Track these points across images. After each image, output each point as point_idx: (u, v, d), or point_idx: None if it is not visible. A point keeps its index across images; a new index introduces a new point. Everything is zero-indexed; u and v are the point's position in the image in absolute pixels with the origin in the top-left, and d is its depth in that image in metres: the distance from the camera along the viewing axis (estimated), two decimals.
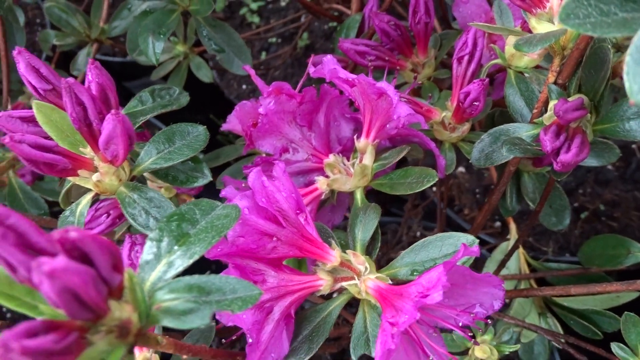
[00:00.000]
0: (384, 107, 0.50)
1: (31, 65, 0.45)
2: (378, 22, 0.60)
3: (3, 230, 0.24)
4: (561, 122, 0.41)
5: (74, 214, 0.44)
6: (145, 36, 0.61)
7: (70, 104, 0.38)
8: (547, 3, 0.43)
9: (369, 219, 0.47)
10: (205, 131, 0.49)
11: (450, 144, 0.55)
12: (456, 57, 0.54)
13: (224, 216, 0.35)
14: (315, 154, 0.56)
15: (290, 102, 0.55)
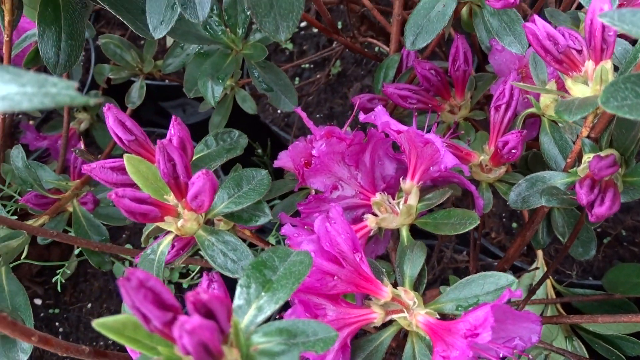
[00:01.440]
0: (429, 153, 0.55)
1: (118, 119, 0.50)
2: (420, 69, 0.65)
3: (145, 291, 0.29)
4: (596, 177, 0.45)
5: (155, 253, 0.50)
6: (205, 80, 0.67)
7: (163, 161, 0.44)
8: (582, 67, 0.48)
9: (416, 257, 0.52)
10: (267, 175, 0.54)
11: (487, 184, 0.60)
12: (494, 105, 0.59)
13: (299, 262, 0.40)
14: (362, 192, 0.61)
15: (340, 144, 0.61)
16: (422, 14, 0.57)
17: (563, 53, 0.48)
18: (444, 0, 0.57)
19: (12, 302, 0.62)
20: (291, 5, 0.43)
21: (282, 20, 0.43)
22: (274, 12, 0.43)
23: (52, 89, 0.29)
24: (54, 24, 0.60)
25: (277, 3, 0.42)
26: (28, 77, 0.29)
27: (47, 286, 1.01)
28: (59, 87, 0.29)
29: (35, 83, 0.29)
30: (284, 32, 0.44)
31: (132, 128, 0.51)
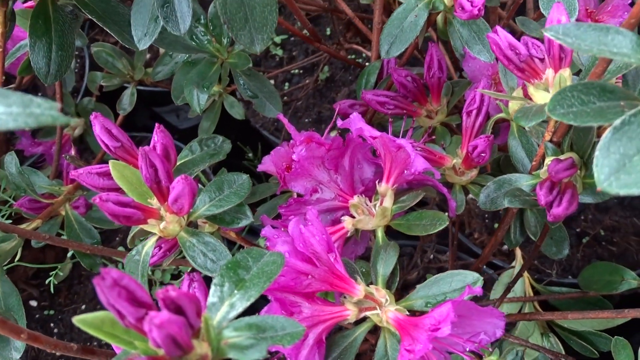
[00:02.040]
0: (402, 158, 0.57)
1: (105, 127, 0.53)
2: (397, 76, 0.67)
3: (119, 289, 0.31)
4: (554, 179, 0.48)
5: (139, 254, 0.52)
6: (191, 89, 0.69)
7: (145, 167, 0.46)
8: (542, 75, 0.51)
9: (389, 257, 0.54)
10: (248, 180, 0.57)
11: (460, 187, 0.63)
12: (466, 111, 0.61)
13: (272, 262, 0.43)
14: (341, 194, 0.64)
15: (319, 149, 0.63)
16: (395, 24, 0.60)
17: (524, 62, 0.50)
18: (416, 11, 0.59)
19: (6, 303, 0.64)
20: (265, 19, 0.45)
21: (257, 33, 0.46)
22: (249, 25, 0.45)
23: (37, 109, 0.32)
24: (44, 35, 0.63)
25: (252, 17, 0.45)
26: (14, 97, 0.32)
27: (42, 288, 1.03)
28: (43, 107, 0.32)
29: (21, 104, 0.31)
30: (259, 44, 0.46)
31: (118, 135, 0.54)
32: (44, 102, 0.33)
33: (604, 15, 0.70)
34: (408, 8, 0.60)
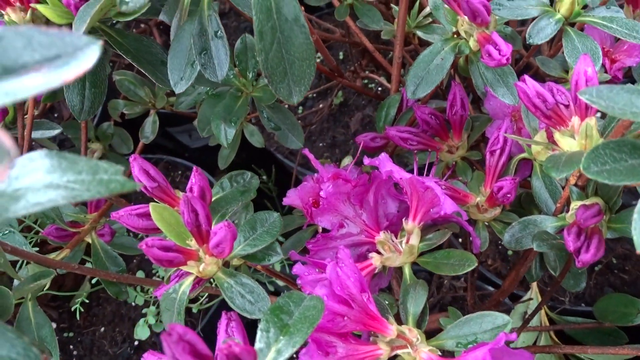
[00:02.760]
0: (429, 197, 0.59)
1: (143, 168, 0.55)
2: (420, 113, 0.69)
3: (183, 344, 0.33)
4: (582, 226, 0.50)
5: (176, 292, 0.54)
6: (218, 123, 0.71)
7: (187, 212, 0.48)
8: (569, 122, 0.53)
9: (419, 295, 0.56)
10: (279, 218, 0.59)
11: (483, 224, 0.64)
12: (489, 150, 0.63)
13: (312, 307, 0.45)
14: (366, 229, 0.66)
15: (346, 185, 0.65)
16: (421, 66, 0.62)
17: (551, 110, 0.52)
18: (442, 54, 0.61)
19: (39, 334, 0.66)
20: (303, 72, 0.47)
21: (295, 86, 0.48)
22: (288, 78, 0.47)
23: (104, 175, 0.33)
24: None
25: (291, 71, 0.47)
26: (82, 163, 0.33)
27: (61, 310, 1.04)
28: (109, 173, 0.34)
29: (90, 170, 0.33)
30: (296, 95, 0.48)
31: (155, 176, 0.56)
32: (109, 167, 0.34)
33: (620, 54, 0.72)
34: (434, 51, 0.62)
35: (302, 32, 0.46)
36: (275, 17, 0.45)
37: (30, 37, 0.27)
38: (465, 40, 0.61)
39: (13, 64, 0.26)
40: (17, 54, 0.26)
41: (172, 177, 1.24)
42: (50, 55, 0.27)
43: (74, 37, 0.28)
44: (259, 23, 0.44)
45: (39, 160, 0.34)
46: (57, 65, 0.27)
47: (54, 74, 0.26)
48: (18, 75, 0.26)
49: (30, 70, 0.27)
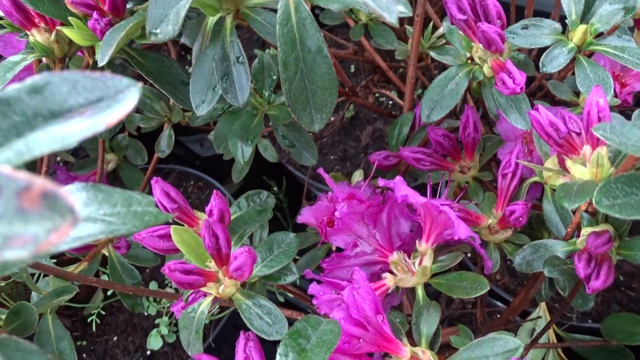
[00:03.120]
0: (442, 220, 0.60)
1: (164, 190, 0.56)
2: (433, 135, 0.71)
3: None
4: (592, 254, 0.51)
5: (195, 312, 0.55)
6: (235, 141, 0.72)
7: (208, 236, 0.49)
8: (580, 150, 0.54)
9: (431, 317, 0.57)
10: (295, 239, 0.60)
11: (494, 245, 0.66)
12: (501, 173, 0.65)
13: (329, 331, 0.46)
14: (379, 249, 0.67)
15: (360, 206, 0.66)
16: (436, 90, 0.63)
17: (563, 139, 0.53)
18: (457, 80, 0.62)
19: (58, 347, 0.67)
20: (325, 101, 0.48)
21: (316, 113, 0.49)
22: (310, 107, 0.49)
23: (138, 207, 0.35)
24: None
25: (313, 99, 0.48)
26: (117, 195, 0.35)
27: (74, 318, 1.06)
28: (143, 204, 0.35)
29: (124, 202, 0.34)
30: (318, 123, 0.50)
31: (176, 197, 0.57)
32: (142, 198, 0.36)
33: (630, 79, 0.73)
34: (449, 76, 0.63)
35: (324, 63, 0.47)
36: (299, 49, 0.46)
37: (75, 82, 0.28)
38: (479, 66, 0.62)
39: (59, 108, 0.28)
40: (63, 98, 0.28)
41: (184, 188, 1.25)
42: (93, 98, 0.28)
43: (116, 80, 0.29)
44: (284, 54, 0.46)
45: (76, 193, 0.35)
46: (101, 108, 0.28)
47: (98, 118, 0.28)
48: (64, 119, 0.28)
49: (75, 114, 0.28)
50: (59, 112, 0.28)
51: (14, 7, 0.60)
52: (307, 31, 0.46)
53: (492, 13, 0.57)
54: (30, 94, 0.27)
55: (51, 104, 0.28)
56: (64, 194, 0.22)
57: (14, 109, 0.27)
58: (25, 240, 0.21)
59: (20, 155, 0.26)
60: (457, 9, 0.58)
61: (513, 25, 0.62)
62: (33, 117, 0.27)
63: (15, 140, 0.27)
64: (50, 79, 0.28)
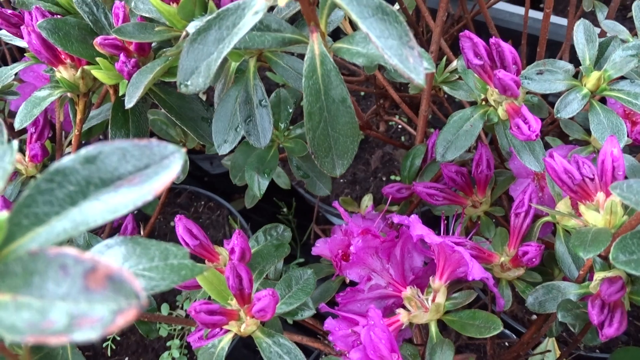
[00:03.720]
0: (456, 259, 0.62)
1: (187, 227, 0.58)
2: (447, 171, 0.72)
3: None
4: (606, 301, 0.52)
5: (215, 347, 0.56)
6: (252, 173, 0.74)
7: (232, 277, 0.51)
8: (594, 197, 0.55)
9: (445, 355, 0.58)
10: (313, 275, 0.61)
11: (506, 282, 0.67)
12: (514, 212, 0.66)
13: None
14: (393, 283, 0.68)
15: (374, 240, 0.68)
16: (451, 131, 0.65)
17: (578, 185, 0.55)
18: (472, 121, 0.64)
19: None
20: (347, 148, 0.50)
21: (338, 159, 0.51)
22: (332, 153, 0.50)
23: (174, 260, 0.36)
24: (123, 127, 0.68)
25: (335, 146, 0.50)
26: (154, 248, 0.36)
27: None
28: (178, 256, 0.37)
29: (161, 256, 0.36)
30: (339, 168, 0.51)
31: (198, 234, 0.59)
32: (177, 250, 0.37)
33: None
34: (464, 117, 0.65)
35: (347, 113, 0.49)
36: (323, 99, 0.48)
37: (125, 150, 0.30)
38: (494, 108, 0.64)
39: (110, 176, 0.29)
40: (114, 167, 0.30)
41: (195, 207, 1.27)
42: (141, 165, 0.30)
43: (161, 146, 0.31)
44: (309, 105, 0.47)
45: (115, 247, 0.36)
46: (148, 175, 0.30)
47: (146, 186, 0.29)
48: (115, 187, 0.29)
49: (125, 181, 0.30)
50: (109, 180, 0.29)
51: (43, 47, 0.62)
52: (332, 82, 0.48)
53: (507, 59, 0.59)
54: (84, 164, 0.29)
55: (102, 173, 0.29)
56: (129, 277, 0.23)
57: (69, 179, 0.29)
58: (93, 321, 0.22)
59: (75, 225, 0.28)
60: (474, 54, 0.60)
61: (527, 69, 0.64)
62: (86, 185, 0.29)
63: (70, 208, 0.28)
64: (102, 149, 0.30)
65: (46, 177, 0.28)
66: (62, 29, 0.61)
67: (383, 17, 0.40)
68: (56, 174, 0.28)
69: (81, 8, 0.63)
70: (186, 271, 0.35)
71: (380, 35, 0.40)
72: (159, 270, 0.35)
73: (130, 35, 0.57)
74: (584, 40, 0.62)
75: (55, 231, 0.27)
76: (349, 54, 0.48)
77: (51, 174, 0.28)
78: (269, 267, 0.62)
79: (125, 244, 0.36)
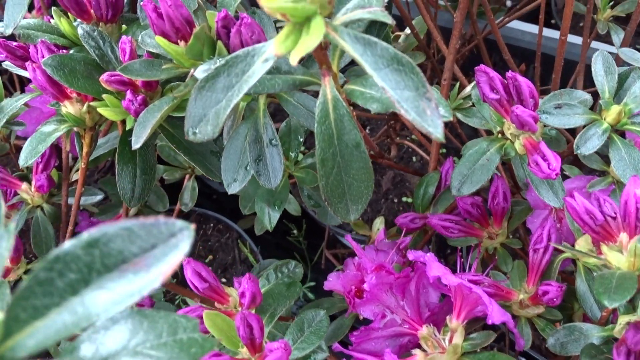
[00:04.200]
0: (474, 298, 0.60)
1: (196, 271, 0.56)
2: (462, 204, 0.70)
3: None
4: (632, 349, 0.50)
5: None
6: (262, 206, 0.72)
7: (242, 327, 0.49)
8: (617, 237, 0.53)
9: None
10: (326, 317, 0.60)
11: (526, 320, 0.65)
12: (532, 248, 0.64)
13: None
14: (408, 321, 0.66)
15: (389, 277, 0.66)
16: (467, 165, 0.63)
17: (600, 226, 0.53)
18: (488, 155, 0.62)
19: None
20: (361, 193, 0.48)
21: (352, 204, 0.49)
22: (346, 199, 0.48)
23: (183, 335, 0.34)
24: (130, 162, 0.66)
25: (349, 192, 0.48)
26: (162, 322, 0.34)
27: None
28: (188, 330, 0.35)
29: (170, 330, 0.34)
30: (353, 214, 0.49)
31: (207, 277, 0.57)
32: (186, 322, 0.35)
33: None
34: (480, 151, 0.63)
35: (362, 158, 0.47)
36: (336, 144, 0.46)
37: (130, 231, 0.28)
38: (510, 142, 0.62)
39: (114, 260, 0.28)
40: (117, 251, 0.28)
41: (204, 230, 1.25)
42: (147, 246, 0.28)
43: (169, 224, 0.29)
44: (321, 151, 0.46)
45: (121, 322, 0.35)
46: (155, 256, 0.28)
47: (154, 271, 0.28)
48: (119, 273, 0.28)
49: (130, 265, 0.28)
50: (114, 264, 0.28)
51: (48, 83, 0.60)
52: (345, 128, 0.46)
53: (525, 93, 0.57)
54: (86, 249, 0.27)
55: (106, 258, 0.28)
56: None
57: (70, 266, 0.27)
58: None
59: (77, 320, 0.26)
60: (490, 88, 0.58)
61: (545, 101, 0.62)
62: (88, 272, 0.27)
63: (71, 299, 0.27)
64: (106, 231, 0.28)
65: (46, 266, 0.26)
66: (67, 65, 0.60)
67: (399, 67, 0.38)
68: (56, 261, 0.27)
69: (87, 42, 0.62)
70: (196, 348, 0.33)
71: (395, 87, 0.38)
72: (167, 349, 0.33)
73: (137, 74, 0.56)
74: (603, 72, 0.60)
75: (55, 326, 0.25)
76: (362, 99, 0.46)
77: (51, 262, 0.27)
78: (281, 310, 0.60)
79: (132, 317, 0.34)
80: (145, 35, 0.59)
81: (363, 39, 0.39)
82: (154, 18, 0.52)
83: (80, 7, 0.66)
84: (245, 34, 0.50)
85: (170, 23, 0.52)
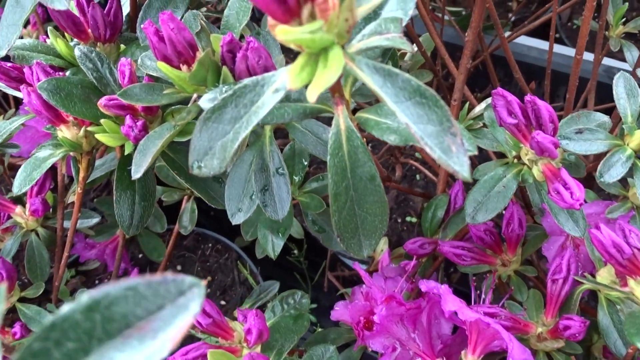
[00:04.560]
0: (491, 332, 0.57)
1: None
2: (475, 231, 0.67)
3: None
4: None
5: None
6: (265, 233, 0.69)
7: None
8: None
9: None
10: (335, 352, 0.57)
11: (544, 353, 0.62)
12: (551, 278, 0.61)
13: None
14: (420, 354, 0.63)
15: (399, 308, 0.63)
16: (481, 192, 0.60)
17: (627, 260, 0.50)
18: (504, 182, 0.59)
19: None
20: (375, 227, 0.46)
21: (365, 240, 0.46)
22: (359, 233, 0.46)
23: None
24: (129, 188, 0.63)
25: (362, 226, 0.45)
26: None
27: None
28: None
29: None
30: (366, 249, 0.47)
31: (211, 312, 0.54)
32: None
33: None
34: (495, 177, 0.60)
35: (376, 191, 0.44)
36: (349, 177, 0.43)
37: (135, 291, 0.25)
38: (528, 168, 0.59)
39: (117, 325, 0.25)
40: (121, 315, 0.25)
41: (202, 250, 1.22)
42: (153, 308, 0.26)
43: (177, 281, 0.26)
44: (334, 185, 0.43)
45: None
46: (162, 319, 0.25)
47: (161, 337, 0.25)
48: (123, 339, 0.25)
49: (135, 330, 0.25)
50: (117, 330, 0.25)
51: (43, 107, 0.58)
52: (359, 160, 0.43)
53: (544, 117, 0.55)
54: (86, 313, 0.24)
55: (108, 323, 0.25)
56: None
57: (69, 334, 0.24)
58: None
59: None
60: (507, 112, 0.56)
61: (564, 125, 0.59)
62: (88, 341, 0.24)
63: None
64: (108, 292, 0.25)
65: (41, 335, 0.23)
66: (64, 89, 0.57)
67: (421, 100, 0.36)
68: (53, 329, 0.24)
69: (84, 65, 0.59)
70: None
71: (418, 122, 0.35)
72: None
73: (137, 99, 0.53)
74: (625, 95, 0.58)
75: None
76: (378, 129, 0.43)
77: (47, 331, 0.24)
78: (288, 346, 0.57)
79: None
80: (145, 57, 0.56)
81: (383, 69, 0.36)
82: (155, 42, 0.49)
83: (78, 27, 0.63)
84: (252, 59, 0.47)
85: (173, 47, 0.49)
